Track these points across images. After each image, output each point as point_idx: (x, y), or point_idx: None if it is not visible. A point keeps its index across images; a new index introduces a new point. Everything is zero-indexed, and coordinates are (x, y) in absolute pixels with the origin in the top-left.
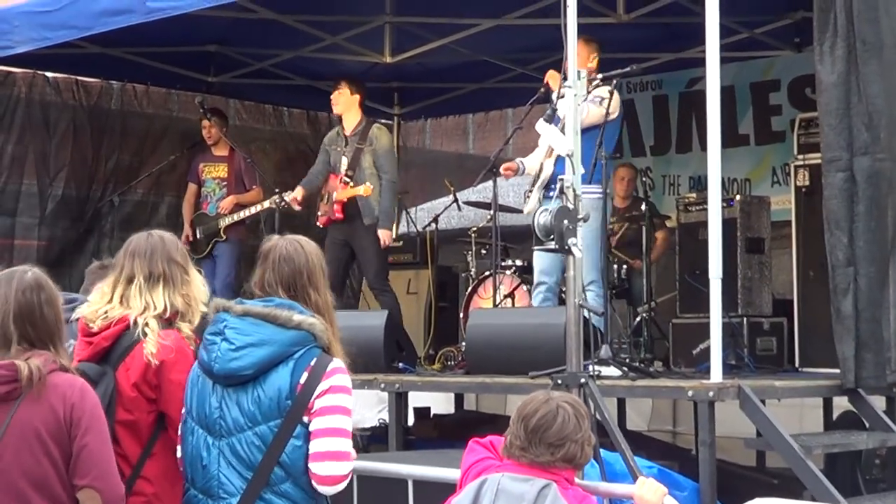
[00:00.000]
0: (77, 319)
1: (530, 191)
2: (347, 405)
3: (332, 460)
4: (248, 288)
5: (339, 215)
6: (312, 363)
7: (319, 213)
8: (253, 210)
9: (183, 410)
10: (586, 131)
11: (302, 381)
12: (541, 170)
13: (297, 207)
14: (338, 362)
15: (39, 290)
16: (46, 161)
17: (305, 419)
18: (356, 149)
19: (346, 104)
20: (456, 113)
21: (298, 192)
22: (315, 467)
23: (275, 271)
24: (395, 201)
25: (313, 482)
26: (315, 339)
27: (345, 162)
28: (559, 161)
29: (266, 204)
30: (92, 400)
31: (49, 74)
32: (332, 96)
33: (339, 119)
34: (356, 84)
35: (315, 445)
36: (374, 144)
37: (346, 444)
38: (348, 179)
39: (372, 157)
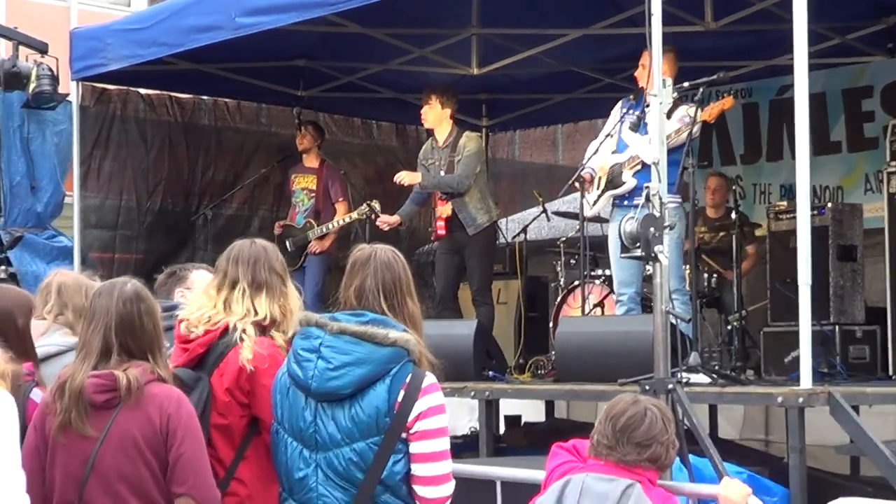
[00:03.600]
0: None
1: (600, 191)
2: (444, 424)
3: (437, 484)
4: (345, 296)
5: (441, 232)
6: (408, 380)
7: (430, 229)
8: (341, 222)
9: (273, 420)
10: (671, 151)
11: (399, 398)
12: (611, 173)
13: (383, 227)
14: (430, 377)
15: (139, 301)
16: (144, 176)
17: (403, 436)
18: (449, 161)
19: (435, 118)
20: (544, 124)
21: (394, 219)
22: (421, 491)
23: (375, 278)
24: (455, 185)
25: None
26: (408, 353)
27: (442, 175)
28: (640, 173)
29: (354, 215)
30: (188, 410)
31: (142, 91)
32: (421, 111)
33: (430, 132)
34: (446, 96)
35: (419, 469)
36: (462, 152)
37: (448, 466)
38: (445, 196)
39: None
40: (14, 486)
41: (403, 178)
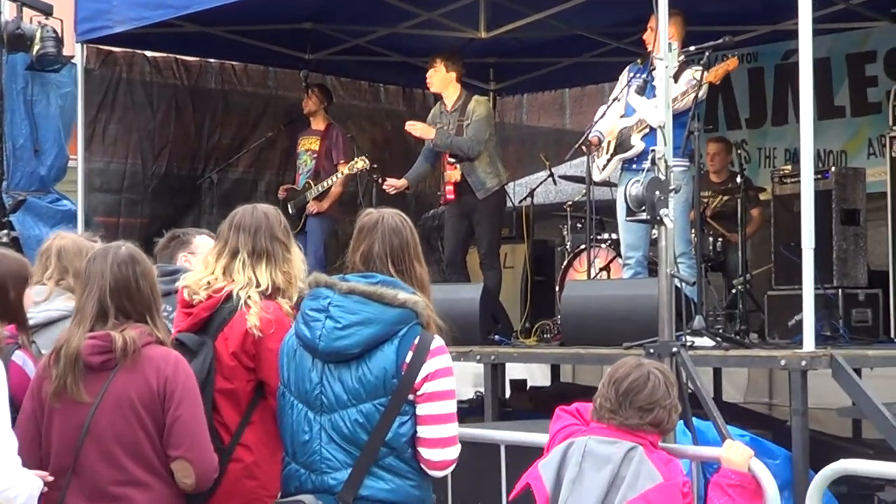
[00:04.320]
0: (177, 291)
1: (609, 155)
2: (451, 387)
3: (442, 447)
4: (351, 260)
5: (450, 196)
6: (416, 341)
7: (439, 193)
8: (335, 178)
9: (279, 383)
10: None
11: (407, 360)
12: (619, 137)
13: (390, 191)
14: (439, 340)
15: (134, 264)
16: (150, 139)
17: (410, 397)
18: (458, 125)
19: (441, 82)
20: (552, 88)
21: (401, 182)
22: (426, 453)
23: (384, 243)
24: (466, 149)
25: (424, 466)
26: (417, 316)
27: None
28: (648, 137)
29: (346, 171)
30: (185, 373)
31: (148, 54)
32: (427, 74)
33: (438, 96)
34: (452, 59)
35: (424, 432)
36: (472, 117)
37: (454, 429)
38: (453, 160)
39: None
40: (4, 446)
41: (417, 128)
